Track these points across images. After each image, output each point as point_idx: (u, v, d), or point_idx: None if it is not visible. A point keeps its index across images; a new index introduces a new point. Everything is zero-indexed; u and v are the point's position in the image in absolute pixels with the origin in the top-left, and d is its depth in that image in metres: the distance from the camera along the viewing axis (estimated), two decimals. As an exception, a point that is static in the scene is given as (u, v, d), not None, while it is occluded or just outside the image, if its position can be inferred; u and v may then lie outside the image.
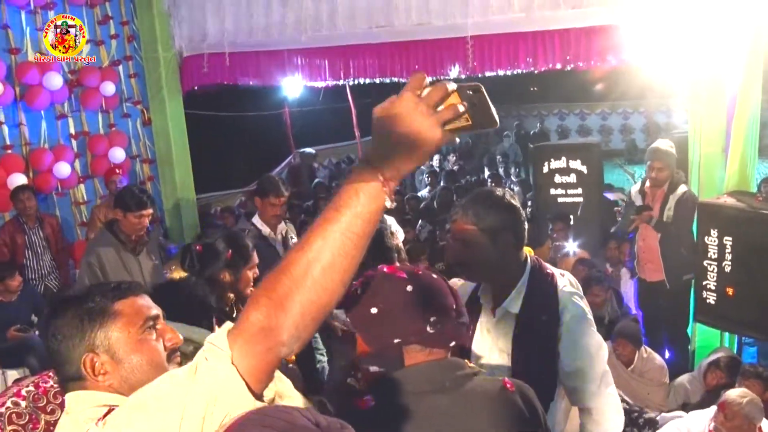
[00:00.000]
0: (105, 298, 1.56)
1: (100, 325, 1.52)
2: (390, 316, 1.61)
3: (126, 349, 1.53)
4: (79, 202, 7.01)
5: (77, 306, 1.54)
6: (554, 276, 2.31)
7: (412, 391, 1.59)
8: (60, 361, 1.53)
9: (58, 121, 6.76)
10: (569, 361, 2.20)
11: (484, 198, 2.25)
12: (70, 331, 1.52)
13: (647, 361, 4.62)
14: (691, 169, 5.23)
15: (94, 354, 1.51)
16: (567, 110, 18.65)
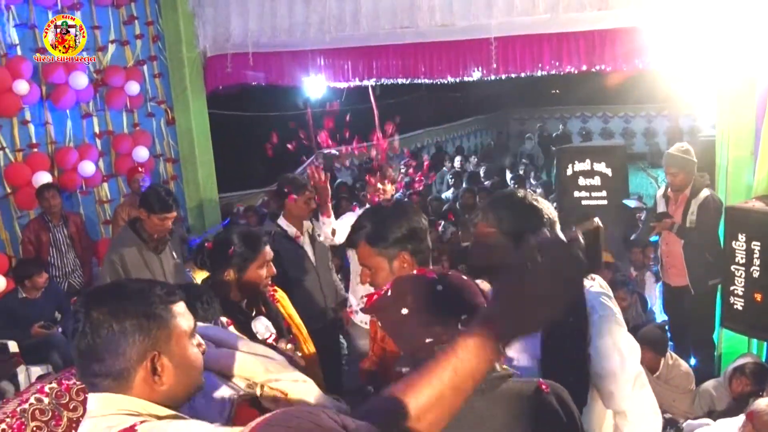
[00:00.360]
0: (163, 300, 1.50)
1: (165, 326, 1.47)
2: (421, 316, 1.61)
3: (182, 355, 1.50)
4: (103, 201, 7.07)
5: (139, 301, 1.47)
6: None
7: None
8: (104, 355, 1.42)
9: (83, 120, 6.82)
10: (600, 363, 2.15)
11: (505, 200, 2.22)
12: (132, 325, 1.43)
13: (673, 367, 4.56)
14: (719, 173, 5.15)
15: (158, 353, 1.45)
16: (590, 113, 18.55)
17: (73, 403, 2.48)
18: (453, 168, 12.24)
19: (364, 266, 2.33)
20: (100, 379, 1.44)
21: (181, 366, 1.49)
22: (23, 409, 2.38)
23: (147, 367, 1.44)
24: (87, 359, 1.44)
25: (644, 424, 2.22)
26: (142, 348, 1.43)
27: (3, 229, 6.14)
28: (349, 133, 5.47)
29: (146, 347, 1.44)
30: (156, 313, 1.46)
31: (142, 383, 1.45)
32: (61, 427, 2.41)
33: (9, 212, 6.21)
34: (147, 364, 1.44)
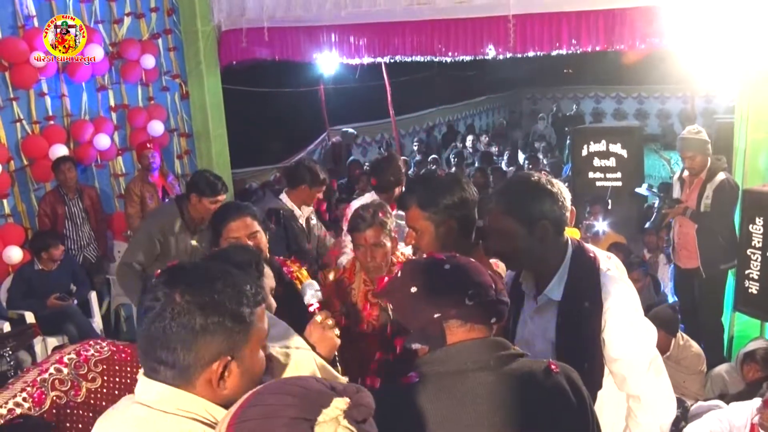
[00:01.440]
0: (252, 302, 1.40)
1: (246, 331, 1.37)
2: (429, 293, 1.66)
3: (251, 362, 1.41)
4: (118, 174, 7.09)
5: (229, 300, 1.35)
6: (597, 259, 2.25)
7: (456, 369, 1.62)
8: (175, 345, 1.33)
9: (99, 93, 6.81)
10: (615, 347, 2.15)
11: (519, 185, 2.22)
12: (215, 324, 1.33)
13: (684, 348, 4.56)
14: (736, 155, 5.11)
15: (231, 359, 1.36)
16: (603, 93, 18.36)
17: (91, 374, 2.51)
18: (464, 147, 12.18)
19: (412, 228, 2.42)
20: (162, 367, 1.35)
21: (247, 373, 1.40)
22: (43, 378, 2.41)
23: (215, 369, 1.35)
24: (155, 343, 1.34)
25: (658, 409, 2.22)
26: (218, 350, 1.34)
27: (20, 201, 6.17)
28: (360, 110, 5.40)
29: (222, 350, 1.34)
30: (242, 316, 1.36)
31: (204, 384, 1.36)
32: (80, 397, 2.44)
33: (26, 184, 6.23)
34: (216, 367, 1.35)
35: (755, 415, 3.41)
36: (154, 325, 1.33)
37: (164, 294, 1.33)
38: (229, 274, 1.41)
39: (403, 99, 12.67)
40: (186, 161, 7.74)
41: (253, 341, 1.40)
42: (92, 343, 2.65)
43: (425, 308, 1.65)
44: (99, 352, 2.61)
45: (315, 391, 1.00)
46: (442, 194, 2.37)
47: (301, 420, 0.95)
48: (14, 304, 5.58)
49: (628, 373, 2.18)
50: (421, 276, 1.69)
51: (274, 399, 0.99)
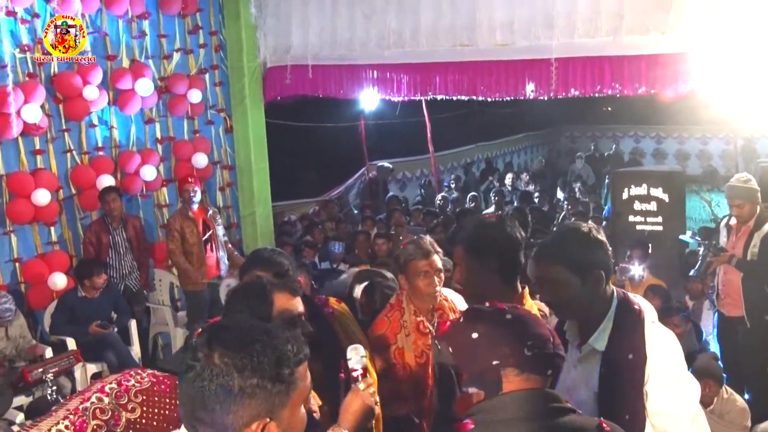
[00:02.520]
0: (293, 362, 1.39)
1: (285, 393, 1.37)
2: (489, 339, 1.71)
3: (291, 422, 1.41)
4: (162, 205, 7.25)
5: (268, 362, 1.35)
6: (642, 312, 2.24)
7: (510, 417, 1.66)
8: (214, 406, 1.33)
9: (147, 125, 7.01)
10: (658, 401, 2.13)
11: (572, 234, 2.22)
12: (253, 386, 1.33)
13: (728, 402, 4.45)
14: (783, 203, 5.04)
15: (269, 421, 1.35)
16: (642, 132, 18.21)
17: (131, 405, 2.55)
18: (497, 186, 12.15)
19: (457, 264, 2.49)
20: (202, 426, 1.36)
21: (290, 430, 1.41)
22: (85, 407, 2.46)
23: (253, 430, 1.34)
24: (194, 403, 1.34)
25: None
26: (256, 412, 1.34)
27: (66, 228, 6.34)
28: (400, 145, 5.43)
29: (260, 412, 1.34)
30: (282, 378, 1.36)
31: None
32: (120, 427, 2.47)
33: (73, 212, 6.41)
34: (255, 429, 1.34)
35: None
36: (193, 384, 1.33)
37: (204, 355, 1.34)
38: (270, 333, 1.40)
39: (442, 135, 12.74)
40: (228, 193, 7.88)
41: (294, 401, 1.40)
42: (133, 373, 2.69)
43: (485, 354, 1.70)
44: (140, 383, 2.65)
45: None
46: (486, 239, 2.42)
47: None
48: (57, 330, 5.70)
49: (670, 427, 2.14)
50: (483, 323, 1.75)
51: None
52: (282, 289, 2.24)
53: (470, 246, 2.42)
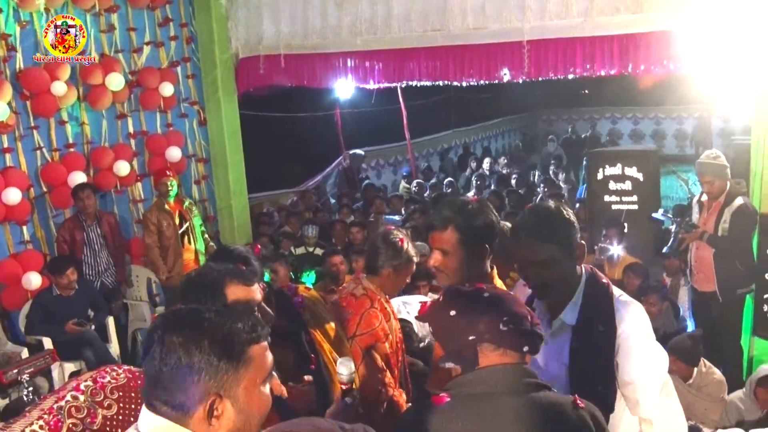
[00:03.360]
0: (244, 340, 1.41)
1: (234, 370, 1.39)
2: (466, 316, 1.77)
3: (248, 401, 1.41)
4: (137, 200, 7.18)
5: (215, 339, 1.38)
6: (610, 286, 2.29)
7: (486, 391, 1.70)
8: (168, 385, 1.38)
9: (119, 120, 6.92)
10: (628, 371, 2.17)
11: (549, 213, 2.23)
12: (201, 363, 1.36)
13: (706, 375, 4.50)
14: (754, 179, 5.08)
15: (219, 397, 1.38)
16: (619, 114, 18.34)
17: (107, 401, 2.53)
18: (480, 170, 12.18)
19: (441, 250, 2.42)
20: (160, 405, 1.40)
21: (244, 412, 1.41)
22: (60, 406, 2.43)
23: (205, 408, 1.38)
24: (152, 382, 1.40)
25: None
26: (206, 388, 1.37)
27: (39, 227, 6.25)
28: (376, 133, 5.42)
29: (210, 388, 1.37)
30: (231, 355, 1.39)
31: (199, 421, 1.39)
32: (96, 425, 2.45)
33: (45, 211, 6.31)
34: (205, 406, 1.38)
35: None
36: (149, 366, 1.39)
37: (158, 336, 1.39)
38: (221, 314, 1.44)
39: (419, 122, 12.72)
40: (203, 186, 7.82)
41: (248, 380, 1.41)
42: (109, 369, 2.66)
43: (462, 331, 1.76)
44: (115, 379, 2.62)
45: (324, 429, 1.01)
46: (478, 220, 2.40)
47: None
48: (32, 330, 5.63)
49: (641, 397, 2.19)
50: (461, 301, 1.82)
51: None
52: (234, 279, 2.14)
53: (466, 232, 2.38)
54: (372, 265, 3.25)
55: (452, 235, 2.39)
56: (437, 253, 2.43)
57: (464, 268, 2.39)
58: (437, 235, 2.43)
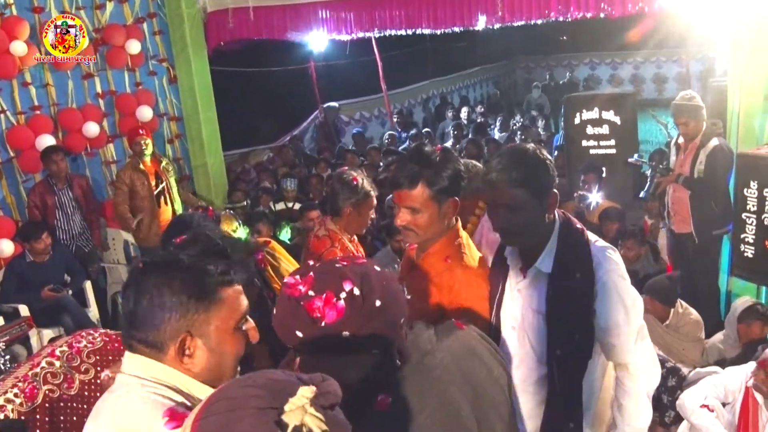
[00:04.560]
0: (215, 282, 1.46)
1: (205, 309, 1.44)
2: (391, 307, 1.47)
3: (220, 341, 1.46)
4: (109, 162, 7.05)
5: (185, 279, 1.44)
6: (585, 231, 2.24)
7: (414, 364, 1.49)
8: (142, 324, 1.44)
9: (85, 81, 6.74)
10: (605, 317, 2.15)
11: (524, 157, 2.13)
12: (171, 302, 1.42)
13: (683, 316, 4.53)
14: (731, 119, 5.05)
15: (190, 336, 1.43)
16: (598, 60, 18.23)
17: (84, 366, 2.49)
18: (458, 119, 12.09)
19: (410, 208, 2.25)
20: (137, 344, 1.46)
21: (216, 353, 1.46)
22: (35, 373, 2.39)
23: (177, 346, 1.43)
24: (128, 322, 1.46)
25: (645, 376, 2.24)
26: (176, 327, 1.42)
27: (8, 193, 6.12)
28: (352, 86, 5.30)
29: (180, 327, 1.42)
30: (202, 294, 1.44)
31: (173, 359, 1.44)
32: (74, 390, 2.42)
33: (14, 176, 6.18)
34: (177, 344, 1.43)
35: (749, 378, 3.40)
36: (125, 305, 1.46)
37: (134, 277, 1.46)
38: (197, 257, 1.51)
39: (395, 73, 12.56)
40: (177, 145, 7.70)
41: (219, 320, 1.45)
42: (84, 334, 2.63)
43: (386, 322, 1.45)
44: (92, 343, 2.59)
45: (281, 382, 0.97)
46: (447, 172, 2.24)
47: (267, 410, 0.92)
48: (8, 298, 5.52)
49: (617, 343, 2.18)
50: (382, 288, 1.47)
51: (238, 392, 0.97)
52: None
53: (436, 187, 2.23)
54: (334, 208, 3.37)
55: (422, 191, 2.23)
56: (405, 212, 2.27)
57: (434, 224, 2.28)
58: (405, 193, 2.25)
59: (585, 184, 6.12)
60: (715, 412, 3.39)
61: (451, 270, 2.26)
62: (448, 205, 2.26)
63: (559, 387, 2.22)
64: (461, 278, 2.26)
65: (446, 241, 2.30)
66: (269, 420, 0.90)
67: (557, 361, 2.20)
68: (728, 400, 3.48)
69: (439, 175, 2.21)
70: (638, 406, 2.24)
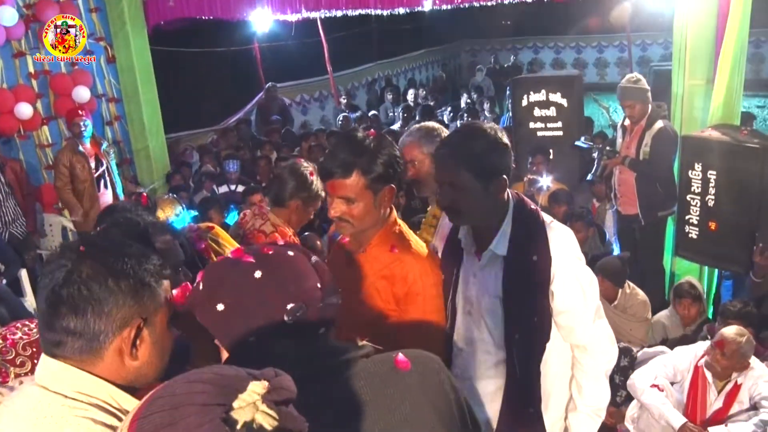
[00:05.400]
0: (157, 272, 1.37)
1: (153, 298, 1.35)
2: (239, 311, 1.32)
3: (162, 332, 1.38)
4: (44, 145, 6.74)
5: (137, 265, 1.33)
6: (539, 212, 2.22)
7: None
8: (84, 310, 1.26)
9: (16, 59, 6.42)
10: (563, 299, 2.14)
11: (476, 136, 2.08)
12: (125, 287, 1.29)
13: (630, 296, 4.61)
14: (675, 102, 5.12)
15: (143, 323, 1.33)
16: (541, 43, 18.49)
17: (20, 359, 2.36)
18: (405, 100, 12.05)
19: (345, 198, 2.10)
20: (70, 338, 1.27)
21: (158, 345, 1.37)
22: (-35, 368, 2.25)
23: (127, 335, 1.30)
24: (63, 311, 1.26)
25: (603, 356, 2.23)
26: (130, 313, 1.30)
27: (-65, 178, 5.79)
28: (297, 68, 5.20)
29: (134, 312, 1.30)
30: (149, 283, 1.34)
31: (114, 354, 1.30)
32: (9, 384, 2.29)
33: (-59, 160, 5.86)
34: (129, 333, 1.30)
35: (699, 358, 3.46)
36: (61, 291, 1.26)
37: (71, 260, 1.28)
38: (133, 245, 1.41)
39: (341, 55, 12.41)
40: (117, 127, 7.42)
41: (162, 312, 1.38)
42: (19, 325, 2.48)
43: (238, 331, 1.31)
44: (27, 335, 2.44)
45: (228, 377, 0.91)
46: (382, 158, 2.10)
47: (214, 406, 0.85)
48: (-65, 290, 5.26)
49: (576, 324, 2.17)
50: (227, 290, 1.33)
51: (183, 388, 0.89)
52: None
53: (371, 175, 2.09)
54: (279, 196, 3.16)
55: (357, 180, 2.08)
56: (339, 202, 2.12)
57: (371, 214, 2.15)
58: (338, 183, 2.09)
59: (533, 166, 6.16)
60: (665, 391, 3.44)
61: (400, 260, 2.16)
62: (384, 193, 2.13)
63: (518, 371, 2.20)
64: (414, 267, 2.16)
65: (386, 231, 2.20)
66: (215, 417, 0.84)
67: (516, 345, 2.18)
68: (677, 379, 3.55)
69: (375, 163, 2.07)
70: (598, 385, 2.24)
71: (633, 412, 3.71)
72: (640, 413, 3.63)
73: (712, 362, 3.35)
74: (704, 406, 3.39)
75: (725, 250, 4.59)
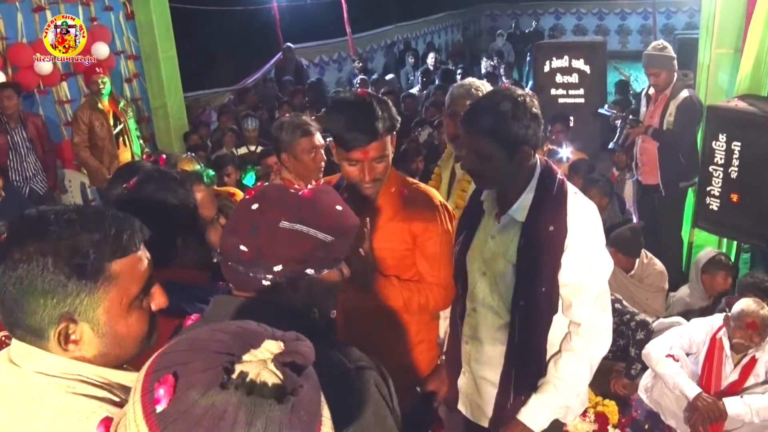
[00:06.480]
0: (102, 254, 1.17)
1: (90, 291, 1.16)
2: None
3: (112, 322, 1.20)
4: (63, 101, 6.74)
5: (62, 254, 1.14)
6: (564, 182, 2.18)
7: None
8: (10, 308, 1.16)
9: (36, 14, 6.38)
10: (569, 273, 2.12)
11: (505, 104, 2.03)
12: (45, 284, 1.13)
13: (647, 266, 4.59)
14: (701, 71, 5.04)
15: (72, 323, 1.17)
16: (563, 9, 18.21)
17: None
18: (419, 66, 11.93)
19: (380, 158, 2.15)
20: (16, 329, 1.19)
21: (108, 336, 1.21)
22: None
23: (57, 334, 1.17)
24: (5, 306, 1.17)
25: (595, 340, 2.19)
26: (54, 313, 1.15)
27: (-43, 132, 5.82)
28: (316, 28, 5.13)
29: (59, 312, 1.15)
30: (86, 272, 1.15)
31: (57, 347, 1.18)
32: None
33: (-38, 113, 5.87)
34: (57, 330, 1.17)
35: (717, 330, 3.45)
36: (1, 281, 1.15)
37: (3, 246, 1.15)
38: (78, 221, 1.18)
39: (360, 16, 12.27)
40: (135, 85, 7.41)
41: (110, 300, 1.19)
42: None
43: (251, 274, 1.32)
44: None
45: (250, 331, 0.92)
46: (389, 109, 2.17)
47: (223, 355, 0.86)
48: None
49: (575, 300, 2.15)
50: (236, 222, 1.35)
51: (206, 335, 0.91)
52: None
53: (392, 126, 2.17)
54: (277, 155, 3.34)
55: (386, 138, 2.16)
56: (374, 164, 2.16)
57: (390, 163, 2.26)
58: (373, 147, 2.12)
59: (552, 135, 6.09)
60: (680, 361, 3.44)
61: (414, 199, 2.29)
62: (393, 141, 2.24)
63: (517, 338, 2.21)
64: (429, 203, 2.30)
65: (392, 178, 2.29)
66: (218, 365, 0.84)
67: (519, 312, 2.19)
68: (692, 350, 3.54)
69: (390, 117, 2.15)
70: (576, 364, 2.19)
71: (647, 381, 3.71)
72: (653, 382, 3.64)
73: (743, 341, 3.29)
74: (719, 378, 3.39)
75: (746, 223, 4.53)
